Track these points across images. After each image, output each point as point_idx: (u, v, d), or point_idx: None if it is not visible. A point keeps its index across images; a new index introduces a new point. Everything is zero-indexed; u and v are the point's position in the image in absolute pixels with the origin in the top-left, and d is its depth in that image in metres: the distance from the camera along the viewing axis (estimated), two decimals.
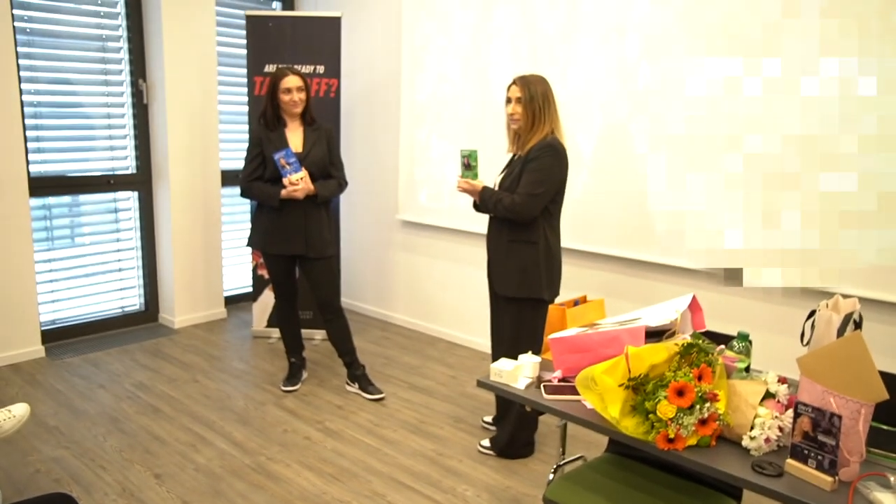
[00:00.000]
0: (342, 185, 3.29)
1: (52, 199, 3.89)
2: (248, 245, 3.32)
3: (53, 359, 3.75)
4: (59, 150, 3.88)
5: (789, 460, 1.42)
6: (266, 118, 3.15)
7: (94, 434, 2.90)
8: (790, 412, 1.50)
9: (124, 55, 4.06)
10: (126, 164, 4.18)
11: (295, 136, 3.17)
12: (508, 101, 2.57)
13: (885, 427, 1.61)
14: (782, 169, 2.79)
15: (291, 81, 3.07)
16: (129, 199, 4.23)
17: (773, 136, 2.79)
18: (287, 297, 3.38)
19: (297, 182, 3.05)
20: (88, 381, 3.47)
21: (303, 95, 3.11)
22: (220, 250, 4.50)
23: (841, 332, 1.57)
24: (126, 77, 4.09)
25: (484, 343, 4.06)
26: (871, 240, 2.61)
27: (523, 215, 2.51)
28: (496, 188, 2.66)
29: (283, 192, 3.07)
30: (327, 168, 3.22)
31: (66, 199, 3.98)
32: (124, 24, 4.03)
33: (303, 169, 3.08)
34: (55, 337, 3.99)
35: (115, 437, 2.89)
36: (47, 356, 3.78)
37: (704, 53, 2.94)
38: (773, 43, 2.76)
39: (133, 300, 4.36)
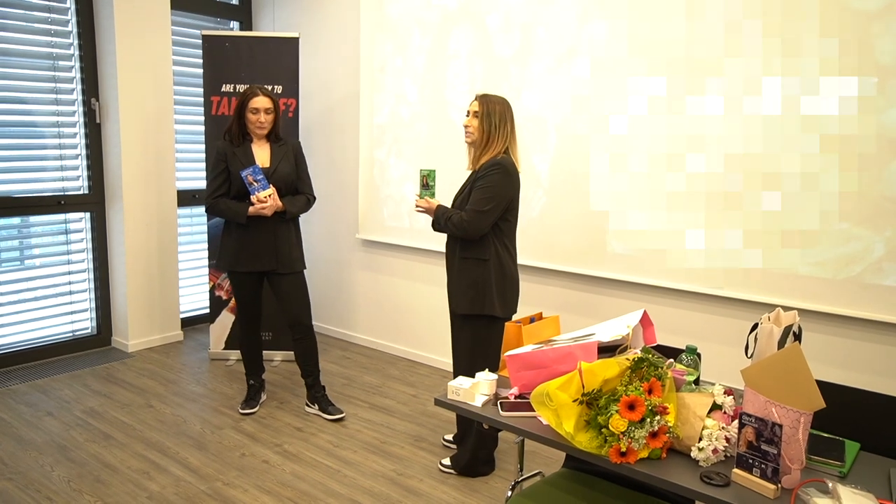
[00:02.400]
0: (310, 200, 3.26)
1: None
2: (218, 268, 3.25)
3: None
4: (6, 170, 3.77)
5: (735, 470, 1.47)
6: (231, 134, 3.11)
7: (41, 464, 2.80)
8: (736, 423, 1.56)
9: (76, 73, 3.99)
10: (78, 184, 4.08)
11: (262, 152, 3.14)
12: (468, 114, 2.63)
13: (823, 434, 1.68)
14: (728, 186, 2.89)
15: (260, 102, 3.04)
16: (81, 220, 4.13)
17: (729, 154, 2.91)
18: (251, 318, 3.32)
19: (266, 199, 3.01)
20: (35, 408, 3.35)
21: (270, 117, 3.08)
22: (176, 271, 4.41)
23: (781, 343, 1.64)
24: (78, 96, 4.01)
25: (445, 361, 4.08)
26: (812, 253, 2.73)
27: (471, 232, 2.54)
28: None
29: (251, 209, 3.03)
30: (295, 184, 3.20)
31: (15, 220, 3.86)
32: (76, 42, 3.96)
33: (270, 186, 3.04)
34: (0, 363, 3.84)
35: (63, 466, 2.79)
36: None
37: (656, 74, 3.05)
38: (721, 63, 2.88)
39: (84, 323, 4.24)
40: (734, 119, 2.86)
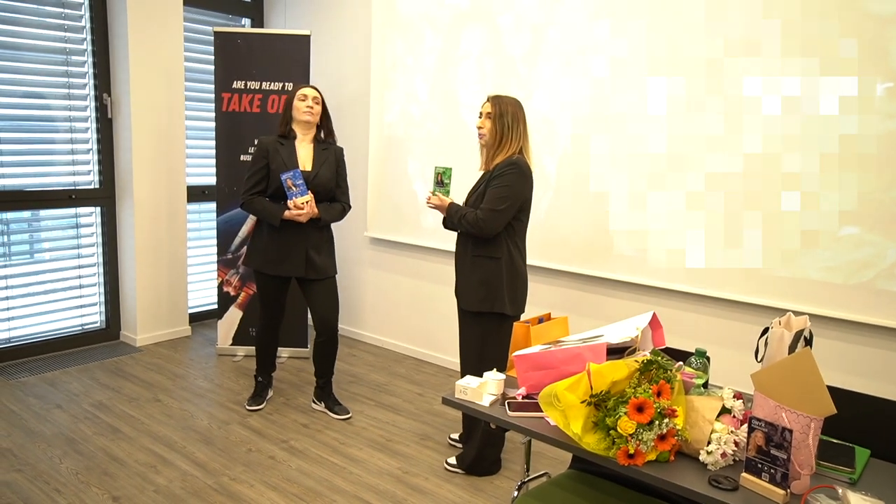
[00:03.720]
0: (346, 209, 3.23)
1: (9, 214, 3.80)
2: (245, 264, 3.25)
3: (8, 378, 3.63)
4: (18, 163, 3.80)
5: (744, 474, 1.46)
6: (280, 127, 3.14)
7: (50, 456, 2.82)
8: (745, 427, 1.55)
9: (88, 69, 4.01)
10: (89, 178, 4.11)
11: (305, 153, 3.13)
12: (480, 115, 2.63)
13: (833, 441, 1.67)
14: (741, 188, 2.88)
15: (309, 91, 3.10)
16: (91, 215, 4.15)
17: (733, 156, 2.89)
18: (272, 318, 3.31)
19: (303, 206, 3.00)
20: (44, 401, 3.37)
21: (319, 108, 3.10)
22: (185, 267, 4.43)
23: (792, 348, 1.63)
24: (90, 91, 4.03)
25: (451, 360, 4.08)
26: (824, 258, 2.71)
27: (486, 230, 2.54)
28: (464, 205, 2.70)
29: (287, 213, 3.01)
30: (333, 191, 3.18)
31: (26, 213, 3.89)
32: (89, 37, 3.98)
33: (309, 192, 3.02)
34: (10, 356, 3.87)
35: (71, 458, 2.81)
36: (1, 375, 3.66)
37: (662, 75, 3.04)
38: (733, 64, 2.87)
39: (94, 317, 4.26)
40: (742, 121, 2.84)
